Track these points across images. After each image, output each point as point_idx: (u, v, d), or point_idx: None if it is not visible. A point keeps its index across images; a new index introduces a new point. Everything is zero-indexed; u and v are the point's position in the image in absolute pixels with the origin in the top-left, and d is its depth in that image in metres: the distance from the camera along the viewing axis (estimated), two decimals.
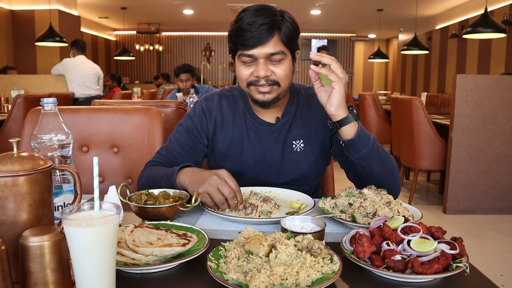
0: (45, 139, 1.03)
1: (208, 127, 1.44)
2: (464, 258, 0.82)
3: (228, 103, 1.46)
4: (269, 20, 1.23)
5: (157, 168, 1.35)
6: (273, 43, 1.25)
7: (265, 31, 1.23)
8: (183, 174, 1.21)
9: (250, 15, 1.25)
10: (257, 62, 1.27)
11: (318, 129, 1.43)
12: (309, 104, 1.45)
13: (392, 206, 1.09)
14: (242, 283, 0.72)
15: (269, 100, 1.32)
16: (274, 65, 1.28)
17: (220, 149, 1.44)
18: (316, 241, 0.82)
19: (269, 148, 1.42)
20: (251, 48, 1.25)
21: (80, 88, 5.87)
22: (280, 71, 1.29)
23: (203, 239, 0.92)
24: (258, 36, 1.23)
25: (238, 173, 1.33)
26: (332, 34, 13.70)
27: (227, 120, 1.44)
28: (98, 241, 0.65)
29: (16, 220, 0.75)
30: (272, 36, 1.24)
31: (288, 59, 1.30)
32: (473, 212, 4.02)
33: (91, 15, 10.99)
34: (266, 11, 1.26)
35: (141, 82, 13.08)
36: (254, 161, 1.42)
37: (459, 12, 9.18)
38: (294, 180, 1.42)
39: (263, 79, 1.28)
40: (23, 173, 0.75)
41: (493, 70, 7.67)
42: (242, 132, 1.42)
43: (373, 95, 6.10)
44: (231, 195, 1.10)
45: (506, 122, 3.90)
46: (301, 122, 1.43)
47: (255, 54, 1.26)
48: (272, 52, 1.26)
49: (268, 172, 1.43)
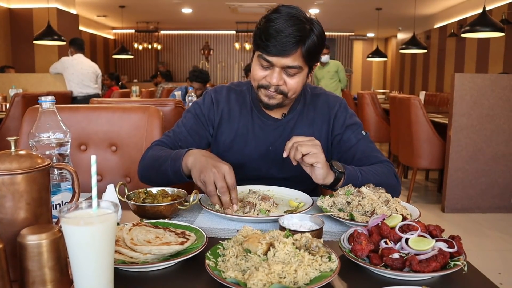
0: (43, 137, 1.03)
1: (215, 117, 1.47)
2: (462, 256, 0.83)
3: (236, 97, 1.49)
4: (297, 34, 1.23)
5: (161, 149, 1.37)
6: (294, 57, 1.26)
7: (290, 44, 1.23)
8: (190, 156, 1.21)
9: (282, 21, 1.23)
10: (273, 69, 1.29)
11: (322, 130, 1.46)
12: (315, 104, 1.48)
13: (390, 205, 1.09)
14: (240, 281, 0.72)
15: (273, 105, 1.36)
16: (288, 76, 1.30)
17: (225, 141, 1.47)
18: (314, 240, 0.82)
19: (273, 143, 1.44)
20: (272, 55, 1.26)
21: (78, 87, 5.86)
22: (292, 83, 1.31)
23: (201, 238, 0.92)
24: (282, 47, 1.23)
25: (240, 165, 1.37)
26: (330, 33, 13.70)
27: (233, 113, 1.47)
28: (96, 239, 0.65)
29: (14, 218, 0.75)
30: (294, 51, 1.25)
31: (304, 73, 1.33)
32: (471, 210, 4.03)
33: (89, 13, 10.97)
34: (298, 21, 1.24)
35: (139, 80, 13.06)
36: (258, 155, 1.45)
37: (457, 11, 9.19)
38: (295, 176, 1.42)
39: (273, 86, 1.31)
40: (21, 171, 0.75)
41: (491, 69, 7.68)
42: (248, 125, 1.45)
43: (372, 94, 6.11)
44: (222, 190, 1.10)
45: (504, 121, 3.90)
46: (307, 120, 1.46)
47: (273, 61, 1.28)
48: (290, 66, 1.27)
49: (271, 166, 1.45)
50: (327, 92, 1.53)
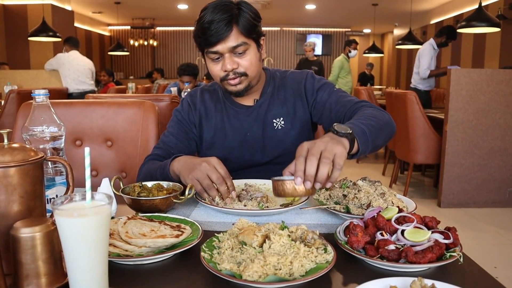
0: (37, 131, 1.02)
1: (194, 118, 1.53)
2: (457, 247, 0.83)
3: (210, 96, 1.55)
4: (226, 16, 1.29)
5: (153, 163, 1.39)
6: (233, 37, 1.32)
7: (223, 27, 1.29)
8: (175, 162, 1.24)
9: (209, 13, 1.31)
10: (223, 57, 1.35)
11: (296, 106, 1.49)
12: (284, 85, 1.52)
13: (387, 197, 1.09)
14: (236, 273, 0.71)
15: (241, 90, 1.40)
16: (239, 57, 1.35)
17: (207, 137, 1.52)
18: (310, 232, 0.82)
19: (249, 128, 1.49)
20: (214, 45, 1.32)
21: (74, 83, 5.83)
22: (245, 62, 1.36)
23: (197, 231, 0.92)
24: (217, 33, 1.29)
25: (225, 158, 1.41)
26: (327, 29, 13.69)
27: (209, 110, 1.53)
28: (89, 231, 0.64)
29: (7, 211, 0.74)
30: (230, 31, 1.31)
31: (253, 48, 1.37)
32: (467, 205, 4.04)
33: (84, 10, 10.91)
34: (223, 7, 1.31)
35: (135, 77, 13.02)
36: (238, 143, 1.49)
37: (453, 6, 9.19)
38: (278, 157, 1.48)
39: (231, 72, 1.36)
40: (14, 164, 0.74)
41: (487, 64, 7.69)
42: (224, 118, 1.51)
43: (368, 90, 6.12)
44: (219, 181, 1.11)
45: (500, 116, 3.91)
46: (279, 101, 1.50)
47: (219, 50, 1.33)
48: (234, 45, 1.32)
49: (252, 152, 1.49)
50: (295, 71, 1.57)
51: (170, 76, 12.97)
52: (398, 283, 0.68)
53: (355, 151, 1.08)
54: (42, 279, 0.70)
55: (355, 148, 1.07)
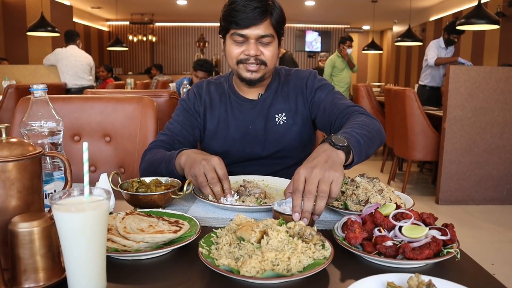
0: (35, 126, 1.02)
1: (199, 108, 1.56)
2: (455, 244, 0.83)
3: (216, 88, 1.58)
4: (262, 4, 1.33)
5: (156, 152, 1.40)
6: (265, 26, 1.35)
7: (258, 14, 1.33)
8: (182, 155, 1.25)
9: None
10: (248, 42, 1.38)
11: (298, 102, 1.52)
12: (288, 81, 1.56)
13: (384, 194, 1.09)
14: (234, 269, 0.71)
15: (256, 78, 1.42)
16: (263, 47, 1.39)
17: (210, 127, 1.54)
18: (307, 228, 0.82)
19: (252, 122, 1.51)
20: (244, 28, 1.35)
21: (72, 79, 5.82)
22: (268, 53, 1.40)
23: (195, 226, 0.92)
24: (253, 17, 1.33)
25: (226, 149, 1.46)
26: (326, 25, 13.65)
27: (214, 101, 1.55)
28: (87, 226, 0.64)
29: (5, 206, 0.74)
30: (264, 20, 1.35)
31: (275, 43, 1.42)
32: (465, 202, 4.06)
33: (83, 5, 10.86)
34: None
35: (134, 73, 12.97)
36: (240, 135, 1.51)
37: (453, 3, 9.17)
38: (279, 151, 1.51)
39: (252, 57, 1.38)
40: (11, 159, 0.74)
41: (486, 62, 7.69)
42: (228, 110, 1.53)
43: (367, 87, 6.11)
44: (213, 181, 1.12)
45: (498, 113, 3.92)
46: (282, 97, 1.53)
47: (247, 34, 1.36)
48: (263, 34, 1.36)
49: (254, 145, 1.51)
50: (299, 69, 1.61)
51: (168, 72, 12.94)
52: (396, 279, 0.68)
53: (349, 162, 1.09)
54: (40, 274, 0.70)
55: (349, 159, 1.08)
